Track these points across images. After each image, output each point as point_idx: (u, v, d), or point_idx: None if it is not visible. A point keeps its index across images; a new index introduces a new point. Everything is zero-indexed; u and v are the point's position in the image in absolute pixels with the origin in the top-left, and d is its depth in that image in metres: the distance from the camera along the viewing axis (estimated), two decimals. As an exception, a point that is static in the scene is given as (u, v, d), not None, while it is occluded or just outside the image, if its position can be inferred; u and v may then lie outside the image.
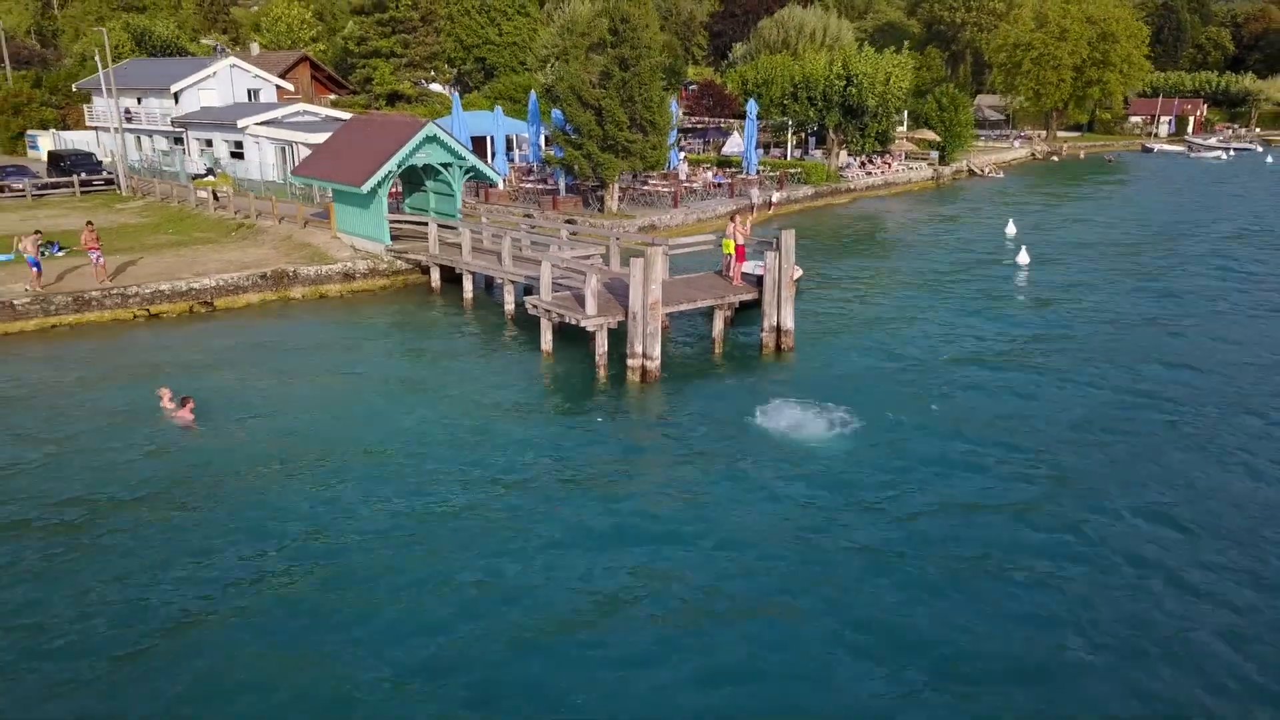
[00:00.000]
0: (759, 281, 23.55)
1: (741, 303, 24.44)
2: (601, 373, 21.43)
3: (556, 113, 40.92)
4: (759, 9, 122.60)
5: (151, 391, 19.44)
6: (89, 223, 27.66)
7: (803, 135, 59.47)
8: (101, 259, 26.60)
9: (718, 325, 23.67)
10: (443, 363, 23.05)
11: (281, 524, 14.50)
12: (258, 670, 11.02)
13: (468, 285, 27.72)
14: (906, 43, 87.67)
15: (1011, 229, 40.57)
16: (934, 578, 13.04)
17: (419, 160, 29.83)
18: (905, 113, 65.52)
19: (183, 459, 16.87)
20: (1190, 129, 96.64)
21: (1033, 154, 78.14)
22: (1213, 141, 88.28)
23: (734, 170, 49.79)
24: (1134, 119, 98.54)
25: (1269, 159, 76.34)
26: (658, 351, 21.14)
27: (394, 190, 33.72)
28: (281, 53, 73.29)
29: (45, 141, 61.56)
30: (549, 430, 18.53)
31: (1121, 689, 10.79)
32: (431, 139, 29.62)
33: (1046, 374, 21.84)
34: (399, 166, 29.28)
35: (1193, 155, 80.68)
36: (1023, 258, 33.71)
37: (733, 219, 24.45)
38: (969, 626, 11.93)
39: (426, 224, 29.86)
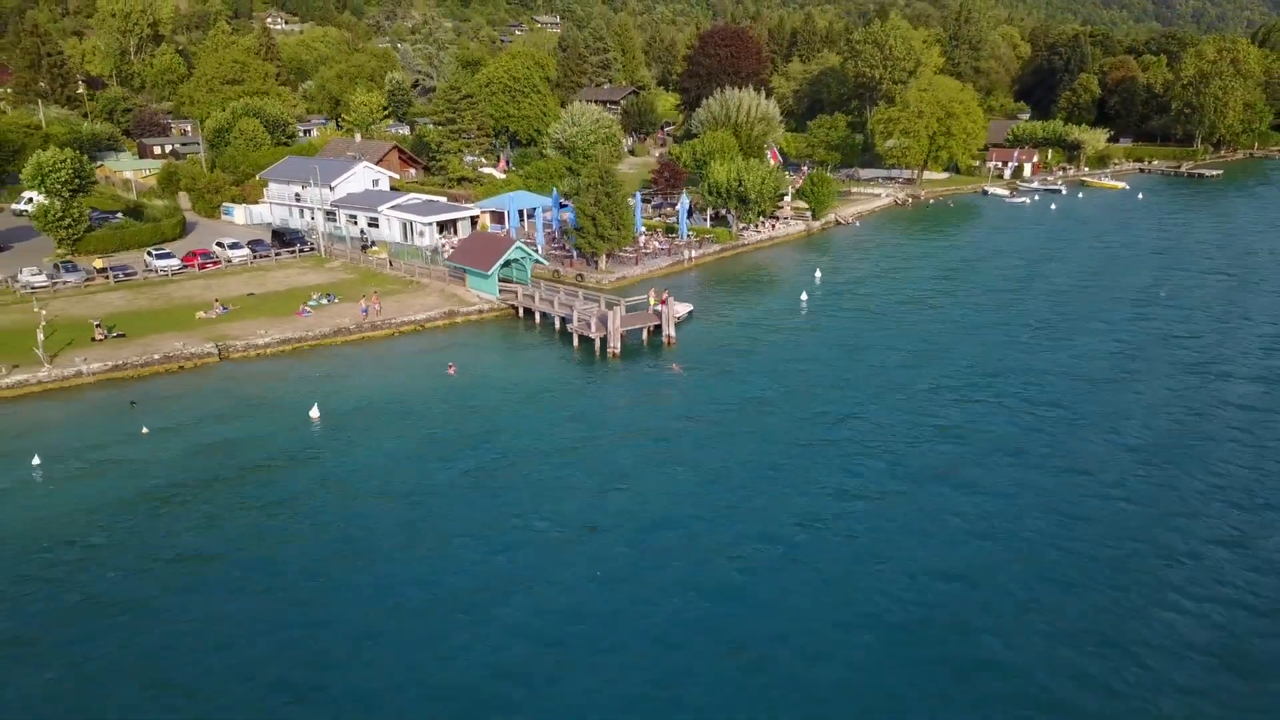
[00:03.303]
0: (658, 314, 57.93)
1: (655, 325, 58.64)
2: (597, 355, 55.65)
3: (571, 216, 74.97)
4: (719, 72, 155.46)
5: (439, 362, 53.85)
6: (375, 291, 62.07)
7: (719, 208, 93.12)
8: (379, 305, 60.93)
9: (644, 334, 58.07)
10: (529, 352, 57.41)
11: (491, 402, 48.86)
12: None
13: (537, 317, 62.08)
14: (821, 116, 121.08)
15: (818, 274, 74.76)
16: (721, 416, 47.37)
17: (511, 256, 64.14)
18: (790, 190, 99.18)
19: (454, 382, 51.25)
20: (1029, 172, 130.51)
21: (895, 200, 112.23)
22: (1035, 185, 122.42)
23: (673, 235, 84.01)
24: (991, 164, 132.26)
25: (1053, 205, 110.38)
26: (619, 346, 55.46)
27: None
28: (379, 142, 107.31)
29: (239, 213, 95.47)
30: (575, 374, 52.90)
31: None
32: (519, 247, 64.00)
33: (785, 348, 56.15)
34: (504, 259, 63.56)
35: (1009, 200, 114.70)
36: (803, 296, 67.93)
37: (652, 291, 58.85)
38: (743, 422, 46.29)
39: (516, 286, 64.23)
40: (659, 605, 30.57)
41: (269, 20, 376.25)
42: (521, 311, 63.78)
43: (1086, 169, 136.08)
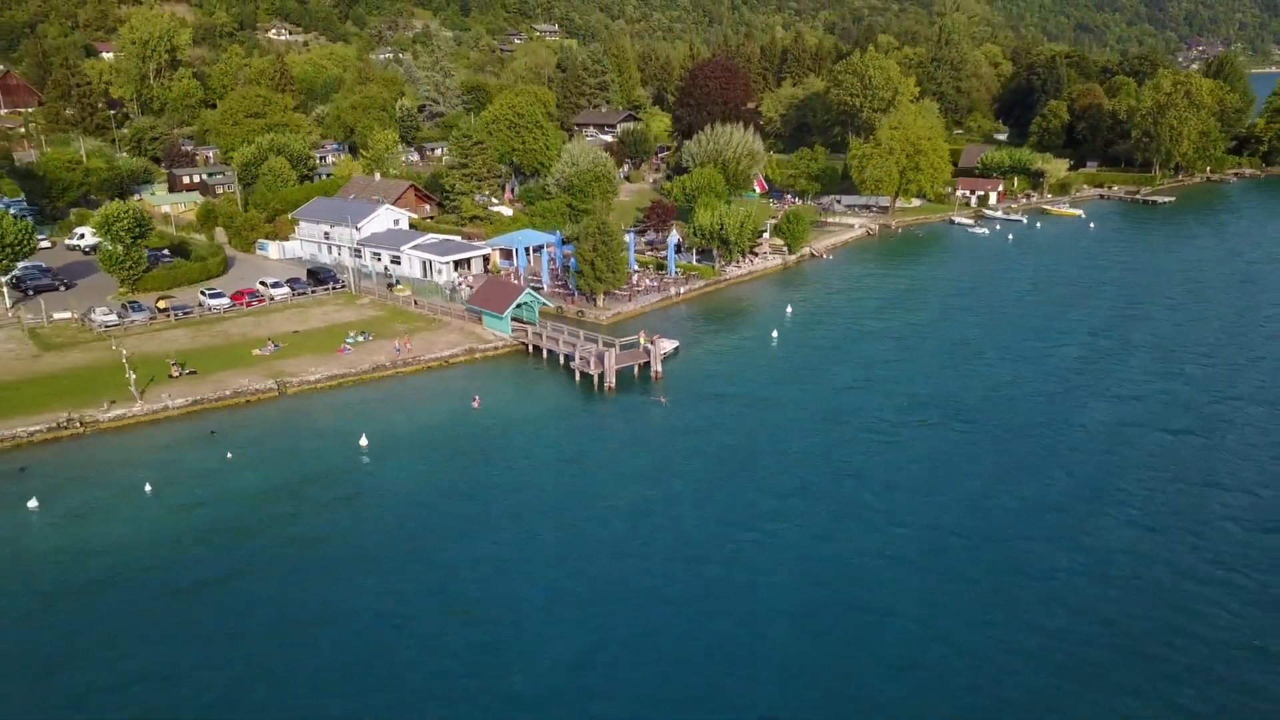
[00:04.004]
0: (647, 352, 68.55)
1: (645, 362, 69.20)
2: (595, 388, 66.22)
3: (573, 261, 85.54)
4: (709, 102, 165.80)
5: (464, 395, 64.44)
6: (406, 332, 72.63)
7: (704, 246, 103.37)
8: (409, 344, 71.49)
9: (635, 370, 68.71)
10: (539, 385, 68.00)
11: (505, 432, 59.48)
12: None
13: (544, 354, 72.65)
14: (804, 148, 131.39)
15: (789, 310, 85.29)
16: (696, 436, 57.99)
17: (522, 300, 74.76)
18: (770, 224, 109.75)
19: (479, 414, 61.83)
20: (995, 200, 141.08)
21: (868, 231, 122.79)
22: (999, 213, 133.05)
23: (662, 272, 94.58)
24: (960, 192, 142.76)
25: (1010, 236, 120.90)
26: (614, 380, 66.08)
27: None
28: (397, 181, 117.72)
29: (273, 248, 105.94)
30: (578, 405, 63.55)
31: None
32: (529, 292, 74.67)
33: (756, 379, 66.73)
34: (517, 303, 74.19)
35: (971, 229, 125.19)
36: (774, 333, 78.48)
37: (642, 333, 69.49)
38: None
39: (525, 326, 74.84)
40: (659, 571, 41.21)
41: (273, 31, 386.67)
42: (531, 348, 74.30)
43: (1049, 196, 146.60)
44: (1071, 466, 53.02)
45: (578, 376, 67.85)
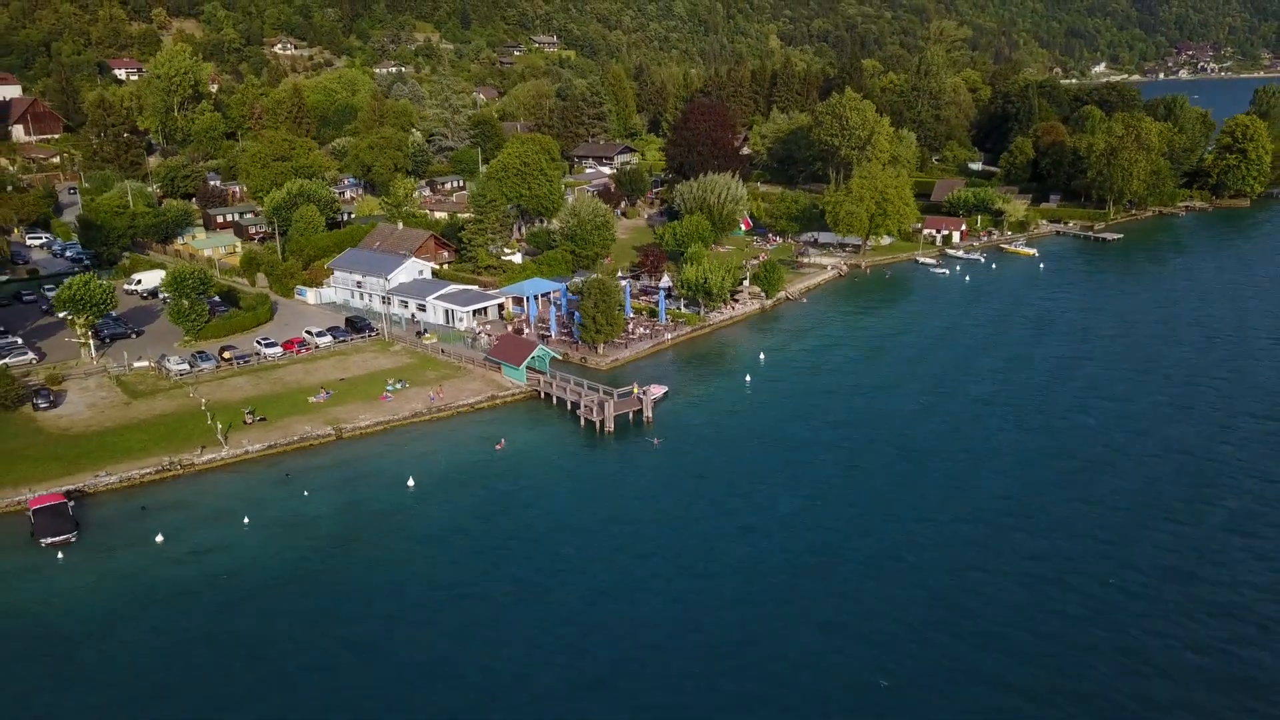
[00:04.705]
0: (640, 400, 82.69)
1: (638, 409, 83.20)
2: (598, 430, 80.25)
3: (577, 314, 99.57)
4: (698, 141, 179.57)
5: (490, 438, 78.56)
6: (440, 384, 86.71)
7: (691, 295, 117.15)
8: (442, 393, 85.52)
9: (630, 415, 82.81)
10: (550, 429, 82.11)
11: (538, 466, 73.64)
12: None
13: (554, 400, 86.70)
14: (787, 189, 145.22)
15: (762, 356, 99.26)
16: (682, 468, 72.16)
17: (536, 354, 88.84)
18: (748, 274, 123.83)
19: (503, 455, 75.92)
20: (958, 238, 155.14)
21: (839, 273, 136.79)
22: (960, 252, 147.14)
23: (653, 319, 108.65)
24: (927, 231, 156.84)
25: (967, 277, 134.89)
26: (612, 424, 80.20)
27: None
28: (419, 231, 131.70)
29: (311, 295, 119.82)
30: (582, 446, 77.66)
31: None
32: (541, 348, 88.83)
33: (732, 419, 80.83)
34: (533, 357, 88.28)
35: (933, 269, 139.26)
36: (748, 378, 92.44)
37: (635, 384, 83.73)
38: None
39: (539, 375, 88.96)
40: (657, 571, 55.24)
41: (278, 46, 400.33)
42: (543, 395, 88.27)
43: (1009, 233, 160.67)
44: (969, 483, 67.20)
45: (582, 422, 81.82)
